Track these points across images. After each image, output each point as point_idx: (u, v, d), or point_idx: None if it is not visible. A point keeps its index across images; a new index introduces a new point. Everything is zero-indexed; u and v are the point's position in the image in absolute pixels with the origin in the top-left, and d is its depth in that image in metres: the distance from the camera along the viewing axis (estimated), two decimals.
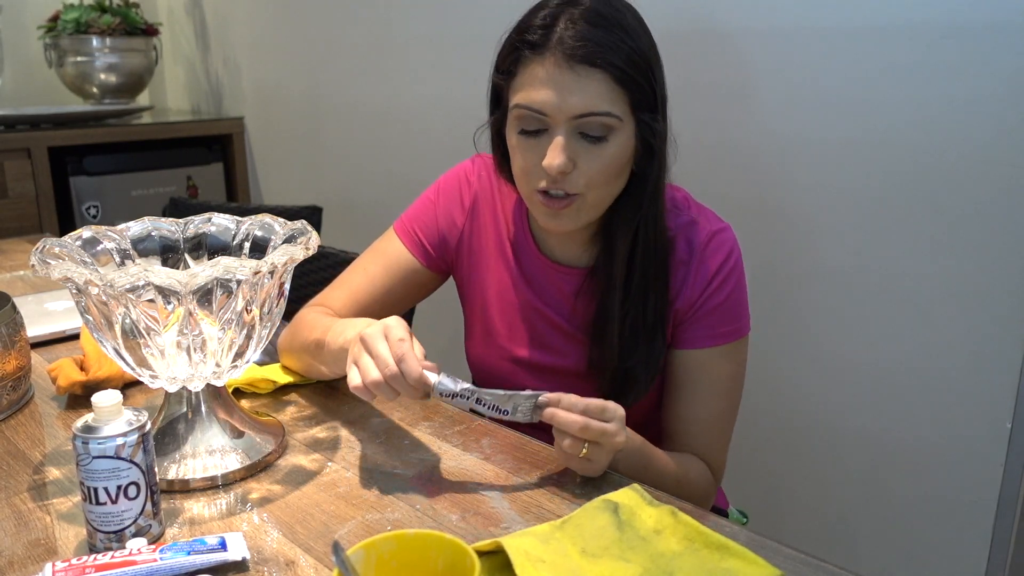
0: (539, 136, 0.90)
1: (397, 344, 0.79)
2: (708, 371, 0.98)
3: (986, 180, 1.15)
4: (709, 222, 0.99)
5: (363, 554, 0.56)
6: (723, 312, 0.97)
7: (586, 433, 0.77)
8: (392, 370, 0.78)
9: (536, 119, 0.89)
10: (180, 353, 0.78)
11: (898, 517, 1.33)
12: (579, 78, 0.85)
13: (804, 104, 1.30)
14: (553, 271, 1.02)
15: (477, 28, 1.82)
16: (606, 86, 0.86)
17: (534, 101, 0.88)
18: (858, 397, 1.33)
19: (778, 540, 0.72)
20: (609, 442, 0.78)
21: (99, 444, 0.68)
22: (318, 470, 0.85)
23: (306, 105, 2.38)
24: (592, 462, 0.79)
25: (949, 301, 1.21)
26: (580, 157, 0.88)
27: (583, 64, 0.85)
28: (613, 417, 0.78)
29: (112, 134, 2.41)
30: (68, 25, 2.49)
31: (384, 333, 0.80)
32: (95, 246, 0.87)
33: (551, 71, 0.86)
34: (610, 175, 0.90)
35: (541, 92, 0.87)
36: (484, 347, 1.09)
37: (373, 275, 1.07)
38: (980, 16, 1.11)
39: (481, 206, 1.07)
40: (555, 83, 0.86)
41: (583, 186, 0.89)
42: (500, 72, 0.94)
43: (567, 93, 0.86)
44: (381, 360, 0.79)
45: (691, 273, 0.97)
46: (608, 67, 0.85)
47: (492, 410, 0.80)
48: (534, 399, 0.79)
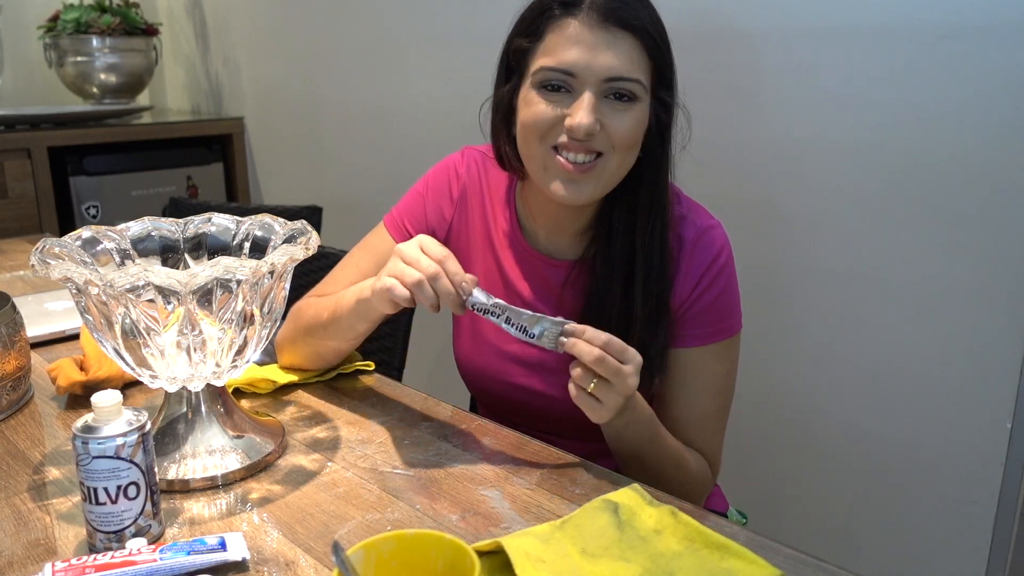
0: (561, 94, 0.88)
1: (437, 250, 0.81)
2: (700, 370, 0.98)
3: (986, 180, 1.15)
4: (699, 218, 0.98)
5: (363, 554, 0.56)
6: (714, 311, 0.97)
7: (600, 367, 0.77)
8: (434, 270, 0.80)
9: (562, 80, 0.87)
10: (180, 353, 0.78)
11: (898, 517, 1.33)
12: (614, 39, 0.85)
13: (804, 104, 1.30)
14: (540, 263, 1.02)
15: (477, 28, 1.82)
16: (637, 52, 0.86)
17: (563, 61, 0.86)
18: (858, 397, 1.33)
19: (778, 540, 0.72)
20: (621, 383, 0.78)
21: (99, 444, 0.68)
22: (318, 470, 0.85)
23: (306, 105, 2.38)
24: (600, 403, 0.79)
25: (949, 301, 1.21)
26: (607, 117, 0.87)
27: (618, 25, 0.84)
28: (631, 360, 0.78)
29: (112, 134, 2.41)
30: (68, 25, 2.49)
31: (420, 245, 0.83)
32: (95, 246, 0.87)
33: (584, 31, 0.85)
34: (635, 140, 0.89)
35: (572, 51, 0.86)
36: (472, 342, 1.08)
37: (365, 270, 1.06)
38: (980, 17, 1.11)
39: (469, 198, 1.07)
40: (588, 42, 0.85)
41: (608, 146, 0.88)
42: (524, 35, 0.91)
43: (599, 53, 0.85)
44: (422, 263, 0.81)
45: (680, 270, 0.96)
46: (641, 32, 0.85)
47: (519, 331, 0.82)
48: (561, 326, 0.80)
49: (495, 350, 1.06)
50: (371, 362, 1.10)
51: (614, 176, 0.92)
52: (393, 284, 0.82)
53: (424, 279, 0.80)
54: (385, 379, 1.08)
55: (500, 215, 1.05)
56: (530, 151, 0.93)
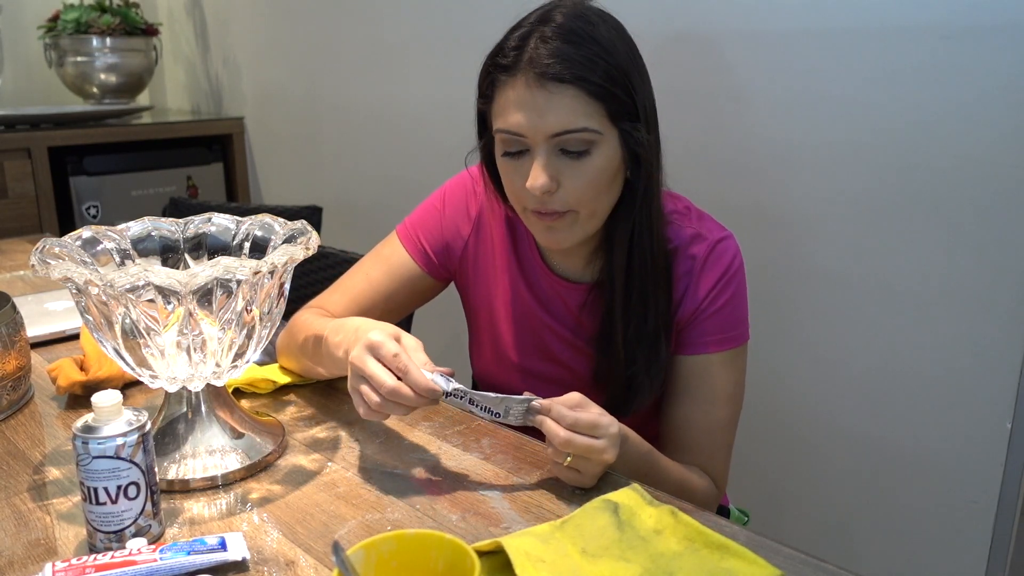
0: (522, 157, 0.89)
1: (392, 360, 0.78)
2: (708, 377, 0.98)
3: (986, 181, 1.15)
4: (711, 232, 0.98)
5: (363, 554, 0.56)
6: (723, 317, 0.97)
7: (569, 447, 0.76)
8: (389, 386, 0.77)
9: (516, 141, 0.88)
10: (180, 353, 0.78)
11: (898, 517, 1.33)
12: (551, 96, 0.85)
13: (801, 107, 1.30)
14: (559, 285, 1.02)
15: (477, 30, 1.82)
16: (580, 101, 0.85)
17: (511, 124, 0.87)
18: (858, 398, 1.33)
19: (778, 540, 0.72)
20: (597, 458, 0.77)
21: (99, 444, 0.68)
22: (318, 470, 0.85)
23: (306, 105, 2.38)
24: (580, 473, 0.79)
25: (949, 302, 1.21)
26: (563, 174, 0.88)
27: (553, 81, 0.84)
28: (604, 435, 0.77)
29: (112, 134, 2.41)
30: (68, 25, 2.49)
31: (371, 352, 0.79)
32: (95, 246, 0.87)
33: (523, 92, 0.86)
34: (599, 188, 0.89)
35: (516, 115, 0.87)
36: (494, 359, 1.09)
37: (375, 280, 1.06)
38: (980, 17, 1.11)
39: (487, 217, 1.06)
40: (528, 104, 0.86)
41: (572, 203, 0.89)
42: (481, 97, 0.94)
43: (540, 113, 0.85)
44: (376, 380, 0.77)
45: (692, 283, 0.97)
46: (579, 82, 0.84)
47: (484, 411, 0.80)
48: (526, 404, 0.79)
49: (515, 366, 1.06)
50: None
51: (592, 222, 0.92)
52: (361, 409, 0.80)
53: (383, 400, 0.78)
54: None
55: (519, 237, 1.05)
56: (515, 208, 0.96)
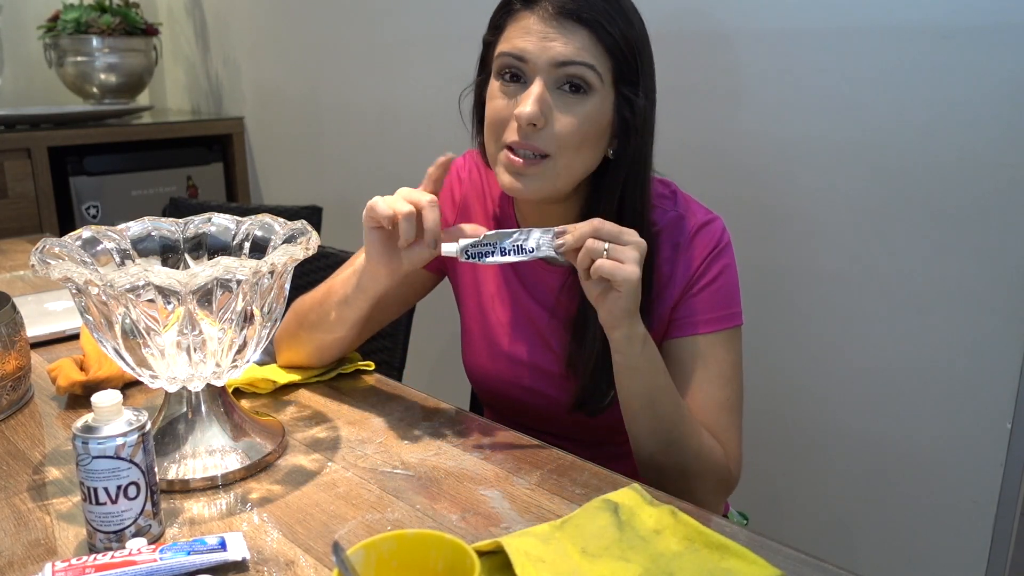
0: (517, 84, 0.90)
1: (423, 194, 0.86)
2: (706, 358, 0.96)
3: (986, 181, 1.15)
4: (696, 216, 0.98)
5: (363, 554, 0.56)
6: (714, 294, 0.96)
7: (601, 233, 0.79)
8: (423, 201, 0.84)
9: (516, 67, 0.89)
10: (180, 353, 0.78)
11: (898, 517, 1.33)
12: (564, 30, 0.87)
13: (800, 106, 1.30)
14: (539, 266, 1.02)
15: (476, 29, 1.81)
16: (590, 42, 0.87)
17: (516, 47, 0.89)
18: (858, 397, 1.33)
19: (778, 540, 0.72)
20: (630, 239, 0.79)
21: (99, 444, 0.68)
22: (318, 470, 0.85)
23: (306, 105, 2.38)
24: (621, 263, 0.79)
25: (949, 301, 1.21)
26: (554, 113, 0.88)
27: (570, 19, 0.87)
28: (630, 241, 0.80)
29: (112, 134, 2.41)
30: (68, 25, 2.49)
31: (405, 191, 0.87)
32: (95, 246, 0.87)
33: (536, 22, 0.88)
34: (583, 136, 0.89)
35: (525, 39, 0.88)
36: (487, 350, 1.08)
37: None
38: (980, 17, 1.11)
39: (471, 202, 1.07)
40: (539, 32, 0.88)
41: (554, 146, 0.88)
42: (490, 31, 0.96)
43: (549, 40, 0.87)
44: (411, 197, 0.85)
45: (677, 268, 0.96)
46: (595, 27, 0.87)
47: (518, 252, 0.83)
48: (551, 231, 0.82)
49: (506, 356, 1.06)
50: (371, 362, 1.10)
51: (564, 175, 0.91)
52: (376, 202, 0.86)
53: (412, 211, 0.84)
54: (385, 379, 1.08)
55: (501, 217, 1.05)
56: (489, 147, 0.95)
